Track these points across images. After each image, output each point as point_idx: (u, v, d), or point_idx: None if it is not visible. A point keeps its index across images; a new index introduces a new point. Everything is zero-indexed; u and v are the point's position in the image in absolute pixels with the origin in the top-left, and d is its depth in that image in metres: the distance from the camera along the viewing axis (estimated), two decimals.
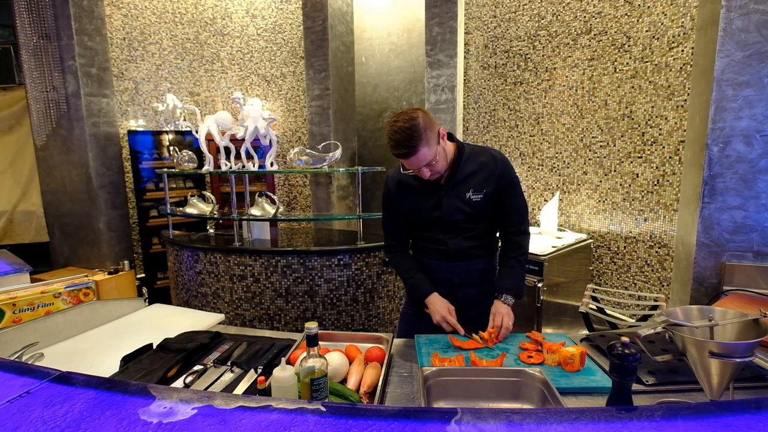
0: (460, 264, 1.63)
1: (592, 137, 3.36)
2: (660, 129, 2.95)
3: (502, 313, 1.50)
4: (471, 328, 1.51)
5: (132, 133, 4.34)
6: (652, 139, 3.00)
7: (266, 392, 1.04)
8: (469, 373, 1.17)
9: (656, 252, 3.04)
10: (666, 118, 2.90)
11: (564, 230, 3.39)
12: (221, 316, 1.76)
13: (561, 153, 3.57)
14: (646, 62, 2.98)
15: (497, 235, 1.72)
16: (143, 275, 4.53)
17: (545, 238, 3.10)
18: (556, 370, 1.23)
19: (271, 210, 3.00)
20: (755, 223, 2.07)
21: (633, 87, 3.07)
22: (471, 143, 1.65)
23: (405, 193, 1.63)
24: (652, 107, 2.97)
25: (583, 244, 3.13)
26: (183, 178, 4.67)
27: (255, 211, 3.00)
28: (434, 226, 1.62)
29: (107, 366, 1.29)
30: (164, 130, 4.56)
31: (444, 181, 1.57)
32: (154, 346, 1.40)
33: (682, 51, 2.78)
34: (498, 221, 1.67)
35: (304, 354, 1.02)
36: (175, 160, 3.32)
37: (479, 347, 1.40)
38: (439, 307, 1.56)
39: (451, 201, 1.56)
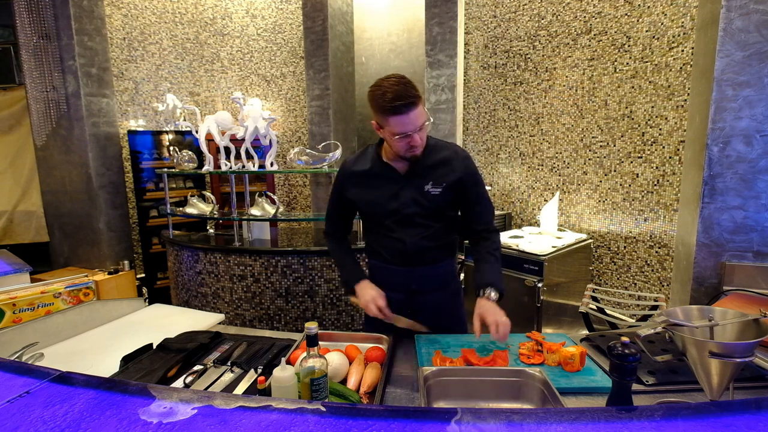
0: (418, 269, 1.55)
1: (592, 137, 3.36)
2: (660, 129, 2.95)
3: (490, 310, 1.38)
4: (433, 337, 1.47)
5: (132, 133, 4.34)
6: (652, 139, 3.00)
7: (266, 392, 1.04)
8: (469, 373, 1.17)
9: (656, 252, 3.04)
10: (666, 118, 2.91)
11: (564, 230, 3.39)
12: (221, 316, 1.76)
13: (561, 153, 3.57)
14: (646, 62, 2.98)
15: (456, 237, 1.65)
16: (143, 275, 4.53)
17: (545, 238, 3.10)
18: (556, 370, 1.23)
19: (271, 210, 3.00)
20: (755, 223, 2.08)
21: (633, 87, 3.07)
22: (435, 137, 1.58)
23: (360, 182, 1.55)
24: (652, 107, 2.97)
25: (583, 244, 3.13)
26: (183, 178, 4.66)
27: (255, 211, 3.00)
28: (389, 219, 1.53)
29: (107, 366, 1.29)
30: (164, 130, 4.56)
31: (404, 172, 1.51)
32: (154, 346, 1.40)
33: (682, 51, 2.78)
34: (462, 221, 1.61)
35: (304, 354, 1.01)
36: (175, 160, 3.32)
37: (492, 361, 1.30)
38: (368, 292, 1.49)
39: (409, 192, 1.50)
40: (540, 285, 2.67)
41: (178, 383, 1.20)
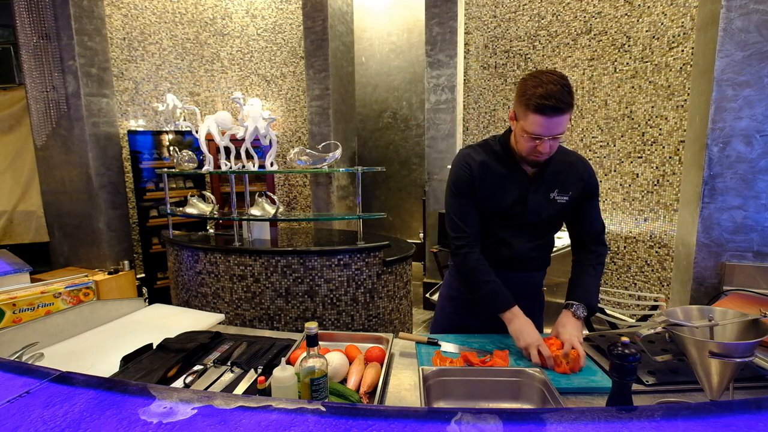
0: (516, 274, 1.48)
1: (592, 137, 3.36)
2: (660, 129, 2.95)
3: (568, 330, 1.28)
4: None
5: (132, 133, 4.34)
6: (652, 139, 3.00)
7: (266, 392, 1.04)
8: (469, 373, 1.17)
9: (656, 252, 3.04)
10: (666, 118, 2.91)
11: (564, 230, 3.40)
12: (221, 316, 1.76)
13: None
14: (646, 62, 2.99)
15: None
16: (143, 275, 4.53)
17: None
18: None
19: (271, 210, 3.00)
20: (755, 223, 2.08)
21: (633, 87, 3.07)
22: None
23: (487, 177, 1.39)
24: (652, 107, 2.97)
25: None
26: (183, 178, 4.67)
27: (255, 211, 3.00)
28: (506, 223, 1.43)
29: (107, 366, 1.29)
30: (164, 130, 4.56)
31: (532, 175, 1.39)
32: (154, 346, 1.40)
33: (682, 51, 2.78)
34: (572, 232, 1.53)
35: (304, 354, 1.01)
36: (175, 160, 3.32)
37: (500, 365, 1.23)
38: (527, 331, 1.30)
39: (537, 198, 1.39)
40: None
41: (178, 383, 1.20)
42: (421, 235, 4.69)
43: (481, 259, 1.43)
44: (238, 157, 3.17)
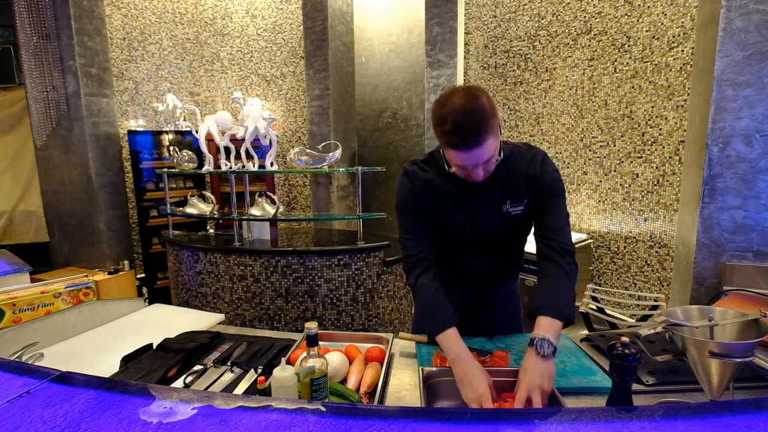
0: (482, 288, 1.40)
1: (592, 137, 3.36)
2: (660, 129, 2.95)
3: (529, 374, 1.03)
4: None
5: (132, 133, 4.34)
6: (652, 139, 3.00)
7: (266, 392, 1.04)
8: None
9: (656, 252, 3.04)
10: (666, 118, 2.91)
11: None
12: (221, 316, 1.76)
13: (561, 153, 3.57)
14: (646, 62, 2.99)
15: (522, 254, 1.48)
16: (143, 275, 4.53)
17: None
18: (557, 370, 1.22)
19: (271, 210, 3.00)
20: (755, 223, 2.08)
21: (633, 87, 3.07)
22: (511, 142, 1.28)
23: (434, 196, 1.27)
24: (652, 107, 2.97)
25: (583, 244, 3.13)
26: (183, 178, 4.67)
27: (255, 211, 3.00)
28: (460, 243, 1.33)
29: (107, 366, 1.29)
30: (164, 130, 4.56)
31: (479, 190, 1.23)
32: (154, 346, 1.40)
33: (682, 51, 2.78)
34: (535, 236, 1.33)
35: (304, 354, 1.02)
36: (175, 160, 3.32)
37: (500, 365, 1.24)
38: (476, 380, 1.05)
39: (486, 214, 1.26)
40: None
41: (178, 383, 1.20)
42: None
43: (424, 278, 1.25)
44: (238, 157, 3.17)
